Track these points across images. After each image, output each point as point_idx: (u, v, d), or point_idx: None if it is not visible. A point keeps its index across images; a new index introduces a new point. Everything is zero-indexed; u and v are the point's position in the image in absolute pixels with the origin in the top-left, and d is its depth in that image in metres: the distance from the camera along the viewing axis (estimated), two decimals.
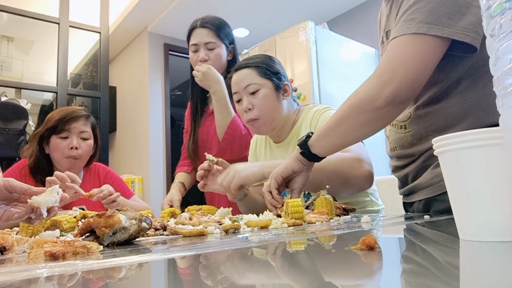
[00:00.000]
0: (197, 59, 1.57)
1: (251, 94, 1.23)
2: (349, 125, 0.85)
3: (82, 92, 4.14)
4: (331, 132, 0.89)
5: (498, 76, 0.36)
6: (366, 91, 0.82)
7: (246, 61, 1.29)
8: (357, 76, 3.28)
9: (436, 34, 0.75)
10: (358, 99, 0.83)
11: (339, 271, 0.39)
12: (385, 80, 0.78)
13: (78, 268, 0.43)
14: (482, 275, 0.33)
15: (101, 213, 0.63)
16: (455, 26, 0.75)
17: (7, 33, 3.87)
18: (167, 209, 1.21)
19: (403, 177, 1.00)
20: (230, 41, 1.63)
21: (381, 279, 0.35)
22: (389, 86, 0.78)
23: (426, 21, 0.76)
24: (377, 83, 0.80)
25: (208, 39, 1.56)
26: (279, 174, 0.98)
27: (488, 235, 0.44)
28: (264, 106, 1.22)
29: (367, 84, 0.83)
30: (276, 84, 1.25)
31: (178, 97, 6.01)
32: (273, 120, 1.24)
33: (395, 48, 0.80)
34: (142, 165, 4.30)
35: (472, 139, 0.44)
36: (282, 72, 1.29)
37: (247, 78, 1.24)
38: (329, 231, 0.68)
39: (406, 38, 0.78)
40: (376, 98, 0.79)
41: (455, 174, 0.47)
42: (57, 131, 1.48)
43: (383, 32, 1.01)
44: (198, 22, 1.59)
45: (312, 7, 3.85)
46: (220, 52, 1.58)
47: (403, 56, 0.77)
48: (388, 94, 0.78)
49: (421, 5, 0.78)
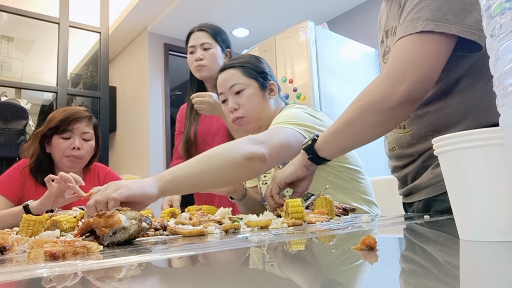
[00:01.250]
0: (193, 60, 1.64)
1: (236, 94, 1.24)
2: (360, 126, 0.84)
3: (82, 92, 4.15)
4: (340, 134, 0.88)
5: (498, 76, 0.36)
6: (377, 91, 0.80)
7: (231, 61, 1.30)
8: (357, 76, 3.28)
9: (443, 31, 0.75)
10: (369, 99, 0.81)
11: (339, 271, 0.39)
12: (396, 80, 0.77)
13: (78, 268, 0.43)
14: (482, 275, 0.33)
15: (101, 213, 0.63)
16: (461, 24, 0.75)
17: (7, 33, 3.88)
18: (167, 209, 1.21)
19: (403, 177, 1.00)
20: (226, 46, 1.70)
21: (381, 279, 0.35)
22: (401, 86, 0.76)
23: (432, 19, 0.76)
24: (388, 82, 0.78)
25: (204, 40, 1.64)
26: (283, 180, 0.97)
27: (488, 235, 0.44)
28: (249, 106, 1.22)
29: (377, 84, 0.81)
30: (261, 84, 1.25)
31: (178, 97, 6.01)
32: (260, 119, 1.24)
33: (403, 47, 0.79)
34: (142, 165, 4.30)
35: (472, 139, 0.44)
36: (268, 72, 1.29)
37: (232, 78, 1.24)
38: (329, 231, 0.68)
39: (413, 37, 0.77)
40: (388, 98, 0.78)
41: (455, 174, 0.47)
42: (59, 131, 1.48)
43: (383, 32, 1.01)
44: (196, 27, 1.68)
45: (312, 7, 3.86)
46: (215, 53, 1.65)
47: (413, 55, 0.76)
48: (401, 94, 0.77)
49: (426, 4, 0.77)
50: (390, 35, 0.97)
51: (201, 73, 1.66)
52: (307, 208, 0.98)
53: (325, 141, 0.91)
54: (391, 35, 0.96)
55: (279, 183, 0.97)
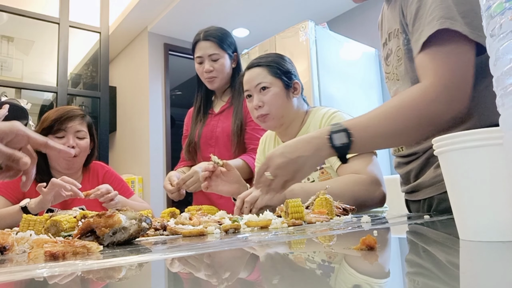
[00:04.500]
0: (203, 70, 1.65)
1: (261, 92, 1.29)
2: (413, 135, 0.83)
3: (82, 92, 4.14)
4: (387, 140, 0.85)
5: (498, 76, 0.36)
6: (436, 104, 0.78)
7: (258, 60, 1.34)
8: (357, 76, 3.28)
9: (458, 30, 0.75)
10: (427, 111, 0.79)
11: (339, 271, 0.39)
12: (454, 94, 0.77)
13: (78, 268, 0.43)
14: (482, 275, 0.33)
15: (101, 213, 0.63)
16: (470, 25, 0.76)
17: (7, 33, 3.87)
18: (167, 209, 1.21)
19: (406, 174, 1.01)
20: (233, 50, 1.70)
21: (380, 279, 0.35)
22: (457, 103, 0.77)
23: (446, 16, 0.76)
24: (447, 96, 0.78)
25: (212, 51, 1.63)
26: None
27: (488, 235, 0.44)
28: (273, 103, 1.28)
29: (435, 95, 0.78)
30: (286, 83, 1.30)
31: (178, 97, 6.01)
32: (282, 116, 1.30)
33: (448, 58, 0.78)
34: (142, 165, 4.30)
35: (472, 139, 0.44)
36: (292, 71, 1.34)
37: (258, 77, 1.30)
38: (329, 231, 0.68)
39: (448, 46, 0.78)
40: (447, 111, 0.78)
41: (455, 174, 0.47)
42: (53, 131, 1.49)
43: (386, 34, 1.01)
44: (201, 35, 1.66)
45: (312, 7, 3.85)
46: (224, 62, 1.66)
47: (462, 72, 0.77)
48: (459, 108, 0.78)
49: (437, 4, 0.78)
50: (393, 38, 0.97)
51: (213, 85, 1.68)
52: (307, 208, 0.98)
53: (364, 144, 0.84)
54: (393, 37, 0.97)
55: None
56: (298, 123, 1.33)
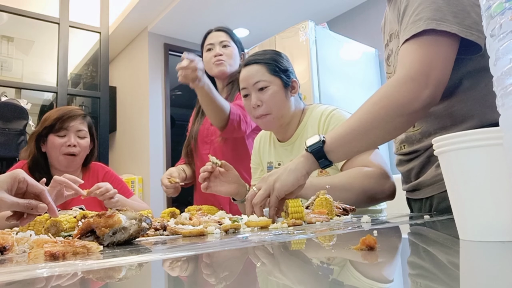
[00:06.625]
0: (211, 56, 1.67)
1: (259, 91, 1.24)
2: (384, 128, 0.83)
3: (82, 92, 4.14)
4: (358, 135, 0.84)
5: (498, 76, 0.36)
6: (402, 93, 0.79)
7: (255, 56, 1.29)
8: (357, 76, 3.28)
9: (445, 30, 0.77)
10: (393, 101, 0.80)
11: (339, 271, 0.39)
12: (421, 83, 0.78)
13: (78, 268, 0.43)
14: (482, 275, 0.33)
15: (101, 213, 0.63)
16: (461, 24, 0.77)
17: (7, 33, 3.87)
18: (167, 209, 1.21)
19: (407, 172, 1.01)
20: (241, 49, 1.76)
21: (380, 279, 0.35)
22: (426, 89, 0.78)
23: (433, 18, 0.78)
24: (413, 86, 0.79)
25: (223, 38, 1.69)
26: (283, 192, 0.87)
27: (488, 235, 0.44)
28: (273, 103, 1.24)
29: (399, 86, 0.80)
30: (284, 82, 1.26)
31: (178, 97, 6.00)
32: (282, 117, 1.26)
33: (419, 50, 0.80)
34: (142, 165, 4.29)
35: (472, 139, 0.44)
36: (290, 69, 1.30)
37: (256, 74, 1.25)
38: (329, 231, 0.68)
39: (426, 39, 0.79)
40: (414, 101, 0.78)
41: (455, 174, 0.47)
42: (54, 129, 1.51)
43: (388, 35, 1.03)
44: (214, 28, 1.74)
45: (312, 7, 3.85)
46: (233, 51, 1.70)
47: (432, 59, 0.78)
48: (426, 97, 0.78)
49: (427, 5, 0.80)
50: (394, 38, 0.99)
51: (221, 67, 1.66)
52: (307, 208, 0.98)
53: (339, 144, 0.86)
54: (394, 38, 0.99)
55: (279, 195, 0.87)
56: (295, 122, 1.30)
